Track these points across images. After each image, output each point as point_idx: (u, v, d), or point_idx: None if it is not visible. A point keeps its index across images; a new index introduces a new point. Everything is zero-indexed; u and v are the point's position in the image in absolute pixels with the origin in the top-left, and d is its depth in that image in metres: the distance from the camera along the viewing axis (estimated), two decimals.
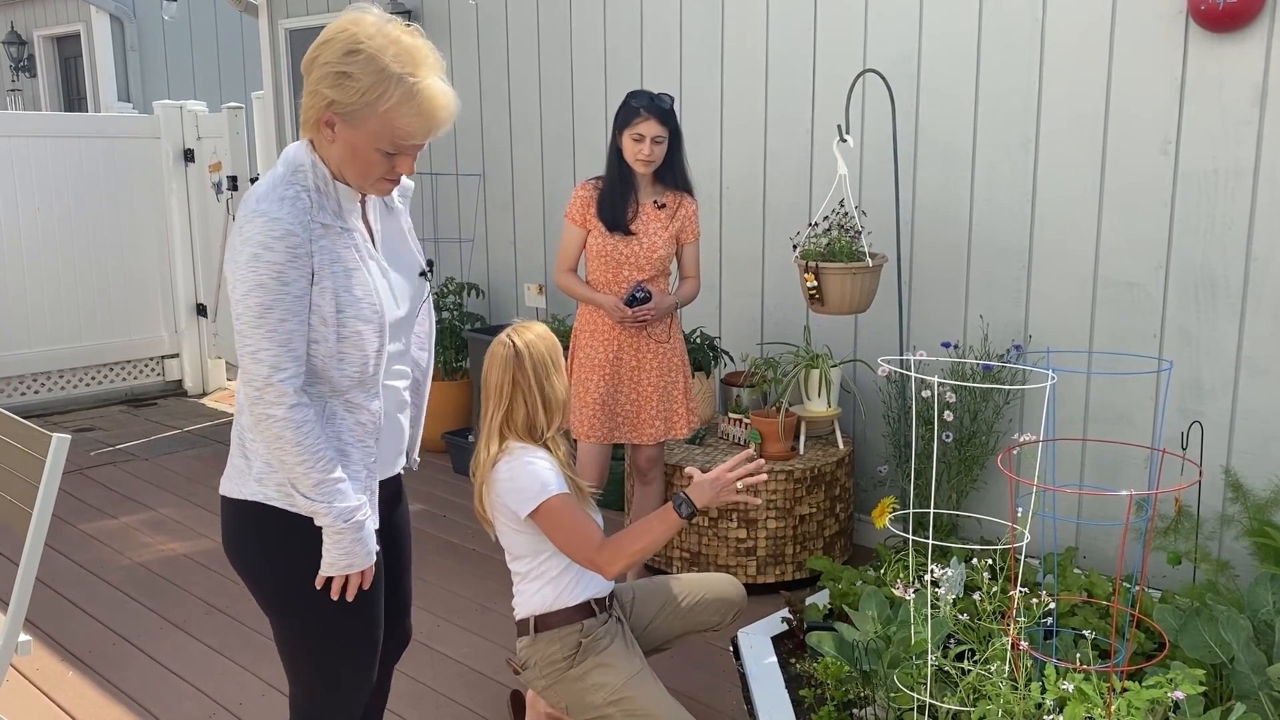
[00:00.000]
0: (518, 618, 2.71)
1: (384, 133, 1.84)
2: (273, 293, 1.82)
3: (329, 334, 1.89)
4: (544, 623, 2.65)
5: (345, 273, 1.90)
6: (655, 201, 3.65)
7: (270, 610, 2.09)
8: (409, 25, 1.88)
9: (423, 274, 2.12)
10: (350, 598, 2.01)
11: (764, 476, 2.54)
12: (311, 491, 1.89)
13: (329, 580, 2.00)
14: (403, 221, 2.12)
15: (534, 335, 2.63)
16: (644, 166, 3.57)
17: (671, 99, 3.59)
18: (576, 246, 3.69)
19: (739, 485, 2.49)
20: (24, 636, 2.53)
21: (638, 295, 3.57)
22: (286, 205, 1.84)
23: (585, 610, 2.65)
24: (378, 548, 2.04)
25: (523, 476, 2.56)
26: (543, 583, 2.65)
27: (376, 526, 2.03)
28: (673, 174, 3.66)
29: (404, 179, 2.01)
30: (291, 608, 2.05)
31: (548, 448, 2.65)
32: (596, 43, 5.06)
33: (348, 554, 1.95)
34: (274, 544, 2.01)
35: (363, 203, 2.01)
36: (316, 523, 1.93)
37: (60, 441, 2.41)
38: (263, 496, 1.97)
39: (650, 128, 3.51)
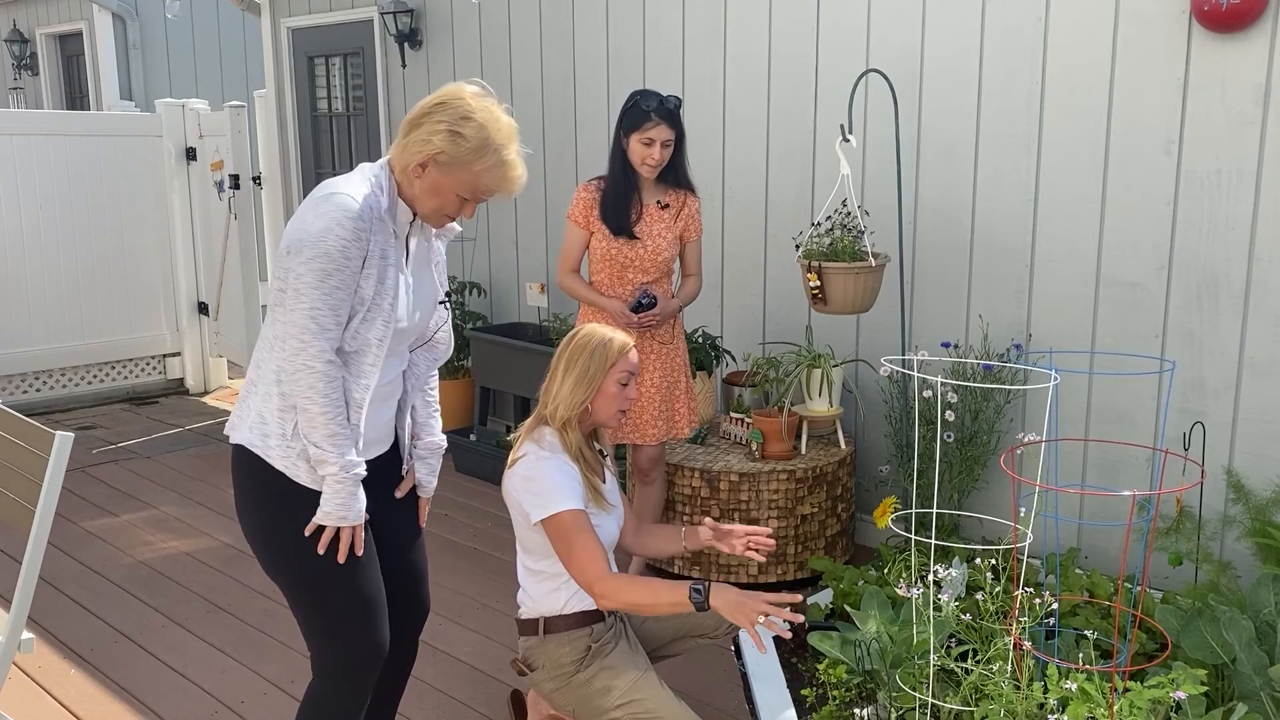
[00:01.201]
0: (524, 616, 2.69)
1: (469, 184, 2.20)
2: (335, 262, 2.10)
3: (359, 310, 2.17)
4: (553, 625, 2.62)
5: (384, 267, 2.19)
6: (658, 202, 3.64)
7: (268, 567, 2.28)
8: (502, 103, 2.24)
9: (441, 302, 2.41)
10: (342, 558, 2.20)
11: (772, 543, 2.63)
12: (325, 441, 2.14)
13: (316, 538, 2.19)
14: (432, 254, 2.39)
15: (609, 334, 2.62)
16: (651, 171, 3.55)
17: (679, 101, 3.57)
18: (579, 248, 3.68)
19: (760, 621, 2.33)
20: (26, 634, 2.53)
21: (644, 302, 3.56)
22: (361, 196, 2.15)
23: (596, 615, 2.64)
24: (367, 516, 2.25)
25: (541, 481, 2.54)
26: (556, 585, 2.62)
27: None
28: (675, 174, 3.64)
29: (455, 224, 2.36)
30: (285, 562, 2.25)
31: (581, 436, 2.62)
32: (599, 42, 5.06)
33: (344, 505, 2.17)
34: (262, 493, 2.23)
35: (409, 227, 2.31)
36: (320, 471, 2.16)
37: (63, 439, 2.41)
38: (248, 443, 2.22)
39: (661, 132, 3.49)
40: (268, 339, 2.21)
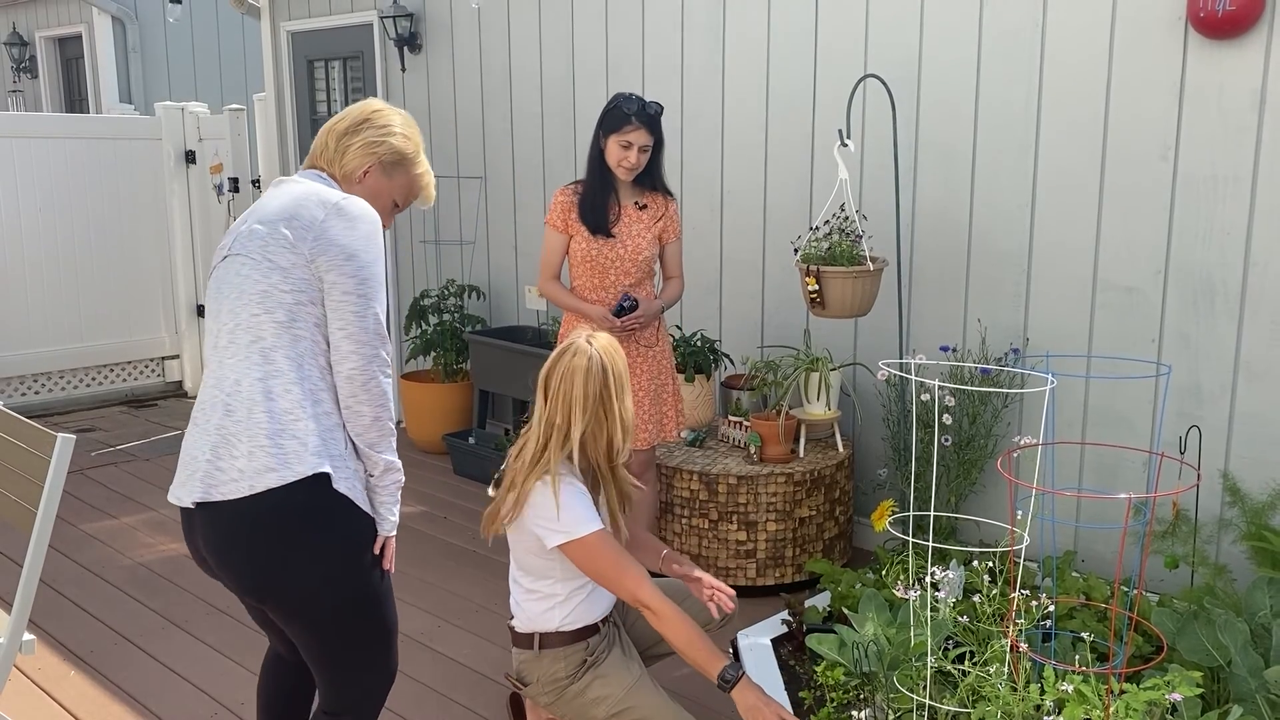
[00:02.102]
0: (519, 629, 2.68)
1: (405, 187, 2.32)
2: (382, 264, 2.13)
3: None
4: (549, 640, 2.62)
5: None
6: (636, 203, 3.65)
7: (318, 605, 2.11)
8: None
9: None
10: (393, 567, 2.21)
11: (730, 606, 2.68)
12: (389, 449, 2.13)
13: (368, 566, 2.15)
14: None
15: (613, 348, 2.58)
16: (627, 174, 3.56)
17: (661, 107, 3.58)
18: (559, 254, 3.68)
19: None
20: (28, 635, 2.54)
21: (625, 305, 3.57)
22: None
23: (591, 629, 2.64)
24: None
25: (556, 506, 2.49)
26: (551, 604, 2.62)
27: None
28: (651, 178, 3.64)
29: None
30: (342, 590, 2.12)
31: (609, 473, 2.60)
32: (598, 46, 5.08)
33: (395, 514, 2.17)
34: (328, 525, 2.07)
35: None
36: (387, 479, 2.14)
37: (65, 441, 2.42)
38: (327, 467, 2.05)
39: (640, 136, 3.51)
40: (291, 358, 2.05)
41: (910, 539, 2.64)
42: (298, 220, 2.06)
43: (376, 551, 2.15)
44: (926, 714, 2.57)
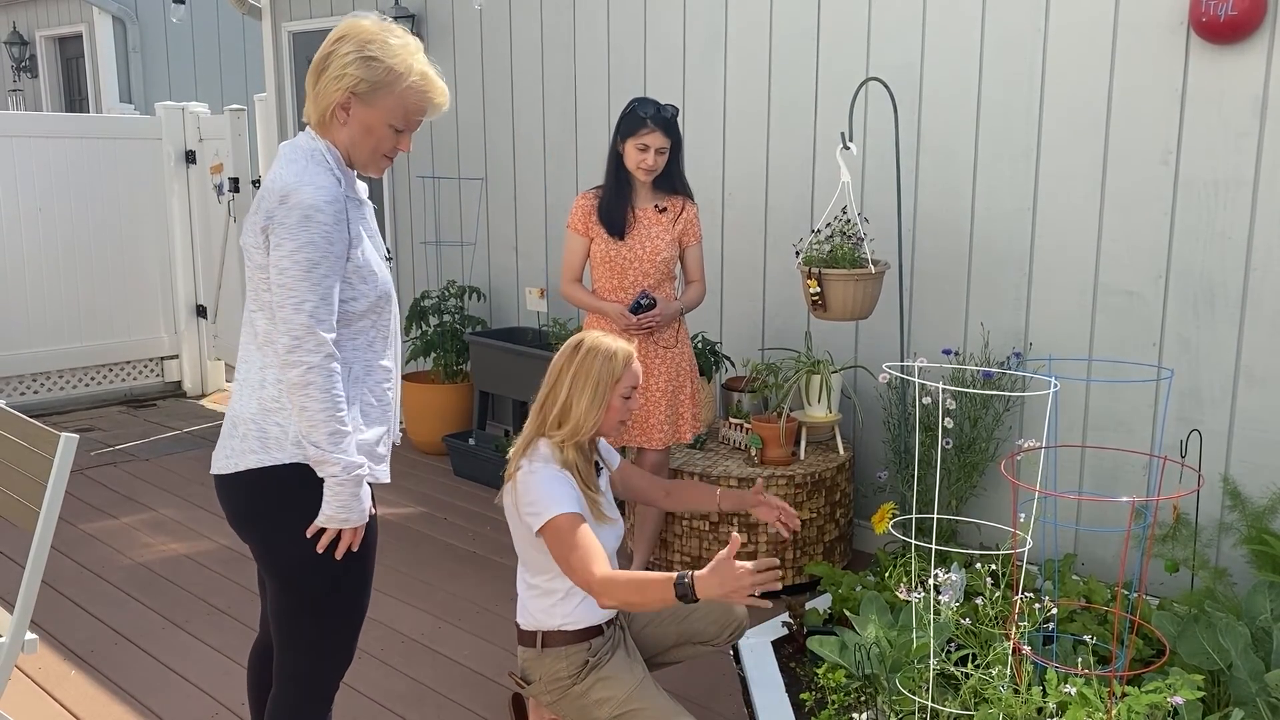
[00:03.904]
0: (524, 627, 2.69)
1: (398, 109, 2.14)
2: (320, 250, 2.03)
3: (369, 292, 2.14)
4: (551, 639, 2.62)
5: (370, 243, 2.17)
6: (656, 205, 3.69)
7: (292, 573, 2.18)
8: (401, 28, 2.20)
9: (388, 258, 2.37)
10: (339, 556, 2.16)
11: (797, 523, 2.63)
12: (325, 441, 2.05)
13: (332, 544, 2.15)
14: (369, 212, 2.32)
15: (612, 347, 2.60)
16: (645, 176, 3.62)
17: (675, 110, 3.61)
18: (580, 256, 3.72)
19: (755, 591, 2.21)
20: (30, 635, 2.54)
21: (643, 302, 3.59)
22: (327, 178, 2.10)
23: (594, 630, 2.64)
24: (374, 510, 2.22)
25: (534, 491, 2.52)
26: (553, 601, 2.62)
27: (387, 481, 2.23)
28: (670, 180, 3.69)
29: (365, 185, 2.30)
30: (319, 569, 2.17)
31: (580, 453, 2.61)
32: (600, 48, 5.08)
33: (345, 508, 2.11)
34: (313, 503, 2.13)
35: None
36: (321, 473, 2.09)
37: (69, 441, 2.42)
38: (297, 457, 2.11)
39: (655, 139, 3.55)
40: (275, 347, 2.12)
41: (912, 541, 2.64)
42: (258, 214, 2.12)
43: (309, 535, 2.12)
44: (929, 716, 2.57)
